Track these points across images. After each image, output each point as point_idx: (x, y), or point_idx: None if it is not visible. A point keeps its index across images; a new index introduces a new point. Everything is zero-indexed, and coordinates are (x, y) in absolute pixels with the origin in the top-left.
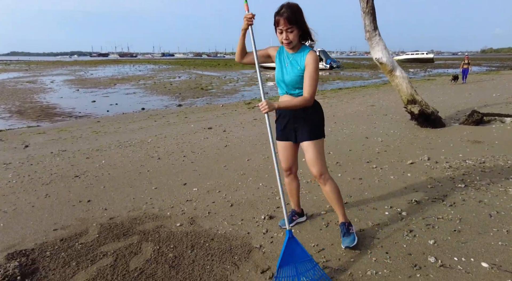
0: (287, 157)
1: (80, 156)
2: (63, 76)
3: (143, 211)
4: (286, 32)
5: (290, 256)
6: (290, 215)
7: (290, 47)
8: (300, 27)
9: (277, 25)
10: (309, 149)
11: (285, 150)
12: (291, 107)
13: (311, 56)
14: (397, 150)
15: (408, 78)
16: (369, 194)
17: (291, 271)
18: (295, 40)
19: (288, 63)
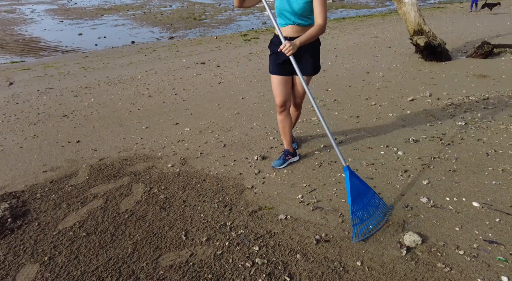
0: (284, 92)
1: (68, 94)
2: (44, 5)
3: (134, 151)
4: None
5: (356, 190)
6: (283, 156)
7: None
8: None
9: None
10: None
11: (283, 84)
12: (310, 40)
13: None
14: (398, 85)
15: (417, 5)
16: (365, 133)
17: (360, 203)
18: None
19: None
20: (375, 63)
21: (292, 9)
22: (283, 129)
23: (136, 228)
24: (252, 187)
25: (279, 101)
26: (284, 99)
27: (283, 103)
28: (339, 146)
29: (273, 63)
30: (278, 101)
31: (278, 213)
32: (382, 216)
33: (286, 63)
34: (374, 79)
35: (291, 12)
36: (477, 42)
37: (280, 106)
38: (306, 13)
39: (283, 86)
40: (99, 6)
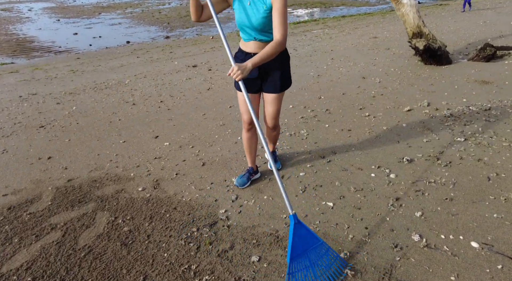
0: (248, 109)
1: (50, 101)
2: (43, 3)
3: (106, 170)
4: None
5: (300, 244)
6: (247, 174)
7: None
8: None
9: None
10: (274, 102)
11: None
12: (267, 59)
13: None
14: (395, 93)
15: (416, 7)
16: (356, 150)
17: (303, 261)
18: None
19: (251, 2)
20: (372, 67)
21: (251, 24)
22: (249, 148)
23: (90, 271)
24: (226, 218)
25: (245, 118)
26: (251, 117)
27: (250, 121)
28: (327, 165)
29: None
30: (244, 118)
31: (251, 253)
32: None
33: (251, 79)
34: (370, 85)
35: (250, 27)
36: (479, 44)
37: (247, 123)
38: (266, 28)
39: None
40: (97, 4)
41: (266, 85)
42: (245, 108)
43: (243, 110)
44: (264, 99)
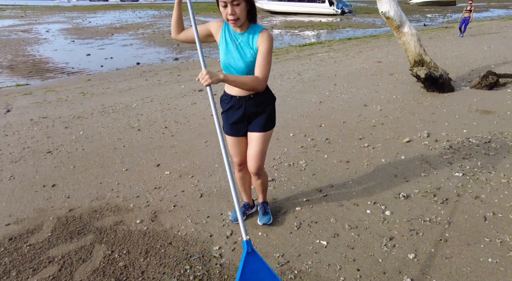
0: (239, 152)
1: (59, 125)
2: (60, 25)
3: (107, 200)
4: (232, 6)
5: (251, 275)
6: (243, 209)
7: (237, 25)
8: (248, 0)
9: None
10: (257, 142)
11: (237, 145)
12: (239, 84)
13: (264, 34)
14: (395, 122)
15: (417, 36)
16: (353, 184)
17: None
18: (243, 15)
19: (237, 45)
20: (374, 94)
21: (237, 66)
22: (243, 185)
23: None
24: (220, 255)
25: (236, 161)
26: (241, 159)
27: (241, 162)
28: (324, 200)
29: (224, 122)
30: (235, 161)
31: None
32: None
33: (239, 122)
34: (371, 113)
35: (236, 69)
36: (483, 70)
37: (238, 165)
38: (252, 72)
39: (237, 147)
40: (111, 25)
41: (250, 126)
42: (234, 151)
43: (233, 153)
44: (248, 140)
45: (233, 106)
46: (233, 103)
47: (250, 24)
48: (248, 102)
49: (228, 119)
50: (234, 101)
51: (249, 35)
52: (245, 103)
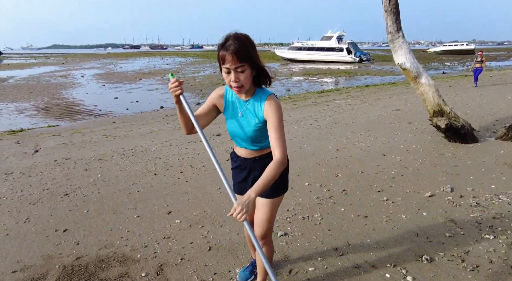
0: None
1: (80, 167)
2: (94, 70)
3: (115, 249)
4: (236, 72)
5: None
6: (251, 267)
7: (242, 93)
8: (254, 66)
9: (223, 63)
10: (265, 207)
11: None
12: (272, 182)
13: (271, 103)
14: (416, 174)
15: (435, 86)
16: (371, 242)
17: None
18: (248, 83)
19: (242, 112)
20: (393, 143)
21: (242, 134)
22: (250, 241)
23: None
24: None
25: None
26: (249, 221)
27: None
28: (340, 260)
29: (232, 179)
30: None
31: None
32: None
33: (244, 181)
34: (390, 164)
35: (241, 137)
36: (508, 120)
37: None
38: (258, 139)
39: None
40: (140, 70)
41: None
42: None
43: None
44: (255, 204)
45: (239, 166)
46: (239, 163)
47: (256, 89)
48: (253, 164)
49: (235, 177)
50: (240, 161)
51: (254, 102)
52: (250, 165)
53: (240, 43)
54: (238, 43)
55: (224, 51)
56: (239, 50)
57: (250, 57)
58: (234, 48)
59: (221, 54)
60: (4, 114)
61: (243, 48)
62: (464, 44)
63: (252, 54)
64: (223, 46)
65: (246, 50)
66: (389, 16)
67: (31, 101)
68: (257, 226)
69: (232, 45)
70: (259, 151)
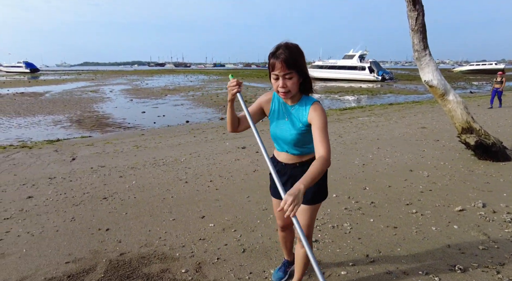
0: (283, 216)
1: (115, 174)
2: (122, 86)
3: (154, 247)
4: (284, 79)
5: None
6: (283, 267)
7: (287, 97)
8: (301, 74)
9: (272, 70)
10: (305, 213)
11: None
12: (317, 179)
13: (316, 108)
14: (445, 190)
15: (463, 103)
16: (402, 251)
17: None
18: (294, 89)
19: (289, 117)
20: (420, 159)
21: (285, 138)
22: (284, 244)
23: None
24: None
25: (280, 223)
26: (285, 223)
27: (285, 226)
28: (371, 265)
29: (272, 185)
30: (279, 223)
31: None
32: None
33: (287, 185)
34: (418, 179)
35: (284, 141)
36: None
37: (280, 228)
38: (300, 144)
39: (282, 211)
40: (165, 87)
41: None
42: (278, 214)
43: (277, 216)
44: None
45: (279, 171)
46: (279, 168)
47: (302, 96)
48: (293, 170)
49: (273, 181)
50: (280, 166)
51: (300, 107)
52: (290, 171)
53: (290, 52)
54: (288, 52)
55: (274, 59)
56: (288, 58)
57: (298, 65)
58: (284, 57)
59: (271, 61)
60: (43, 125)
61: (292, 56)
62: (493, 64)
63: (300, 62)
64: (274, 54)
65: (294, 58)
66: (416, 34)
67: (65, 114)
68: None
69: (283, 53)
70: (299, 157)
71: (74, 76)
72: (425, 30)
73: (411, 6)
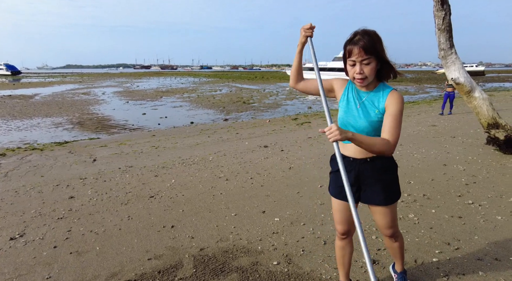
0: (345, 219)
1: (147, 173)
2: (112, 88)
3: (231, 242)
4: (361, 64)
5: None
6: None
7: (364, 85)
8: (379, 60)
9: (349, 56)
10: (382, 214)
11: (344, 211)
12: (367, 146)
13: (394, 94)
14: (488, 182)
15: (489, 100)
16: (480, 239)
17: None
18: (372, 75)
19: (361, 104)
20: (447, 155)
21: (357, 126)
22: (342, 258)
23: None
24: None
25: (340, 229)
26: (346, 227)
27: (345, 231)
28: (457, 253)
29: (333, 184)
30: (339, 229)
31: None
32: None
33: (354, 185)
34: (455, 172)
35: (356, 128)
36: None
37: (341, 233)
38: (372, 133)
39: (343, 213)
40: (157, 88)
41: (365, 195)
42: (338, 217)
43: (337, 220)
44: (372, 211)
45: (346, 168)
46: (346, 164)
47: (379, 83)
48: (363, 166)
49: (337, 180)
50: (346, 162)
51: (376, 94)
52: (359, 166)
53: (369, 38)
54: (367, 37)
55: (352, 45)
56: (367, 44)
57: (376, 51)
58: (362, 42)
59: (348, 48)
60: (43, 128)
61: (371, 42)
62: (474, 66)
63: (378, 48)
64: (351, 41)
65: (373, 44)
66: (442, 34)
67: (63, 116)
68: (384, 229)
69: (361, 39)
70: None
71: (60, 78)
72: (451, 29)
73: (439, 6)
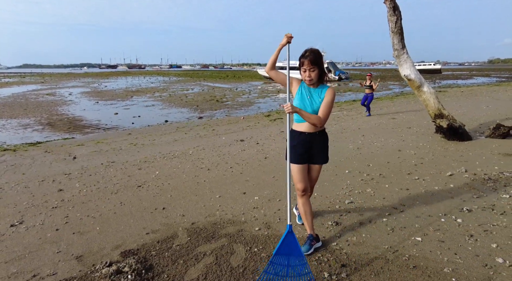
0: (304, 178)
1: (131, 167)
2: (79, 88)
3: (219, 217)
4: (309, 71)
5: (286, 248)
6: (309, 241)
7: (311, 84)
8: (320, 68)
9: (302, 66)
10: (317, 171)
11: (303, 172)
12: (306, 118)
13: (330, 90)
14: (432, 162)
15: (435, 93)
16: (420, 203)
17: (283, 260)
18: (316, 78)
19: (310, 95)
20: (402, 142)
21: (307, 109)
22: (305, 213)
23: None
24: (340, 248)
25: (301, 186)
26: (305, 185)
27: (305, 188)
28: (402, 214)
29: (293, 153)
30: (300, 186)
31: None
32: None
33: (305, 153)
34: (408, 156)
35: (305, 110)
36: (490, 124)
37: (301, 191)
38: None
39: (302, 173)
40: (127, 88)
41: (315, 158)
42: (299, 178)
43: (298, 179)
44: (310, 169)
45: (302, 140)
46: (302, 138)
47: (320, 83)
48: (314, 137)
49: (298, 150)
50: (303, 136)
51: (319, 90)
52: (312, 138)
53: (314, 54)
54: (313, 54)
55: (304, 58)
56: (313, 58)
57: (319, 63)
58: (310, 57)
59: (301, 60)
60: (10, 129)
61: (316, 57)
62: (431, 64)
63: (320, 62)
64: (304, 56)
65: (317, 59)
66: (395, 36)
67: (30, 118)
68: (313, 182)
69: (310, 55)
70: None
71: (18, 79)
72: (403, 32)
73: (392, 11)
